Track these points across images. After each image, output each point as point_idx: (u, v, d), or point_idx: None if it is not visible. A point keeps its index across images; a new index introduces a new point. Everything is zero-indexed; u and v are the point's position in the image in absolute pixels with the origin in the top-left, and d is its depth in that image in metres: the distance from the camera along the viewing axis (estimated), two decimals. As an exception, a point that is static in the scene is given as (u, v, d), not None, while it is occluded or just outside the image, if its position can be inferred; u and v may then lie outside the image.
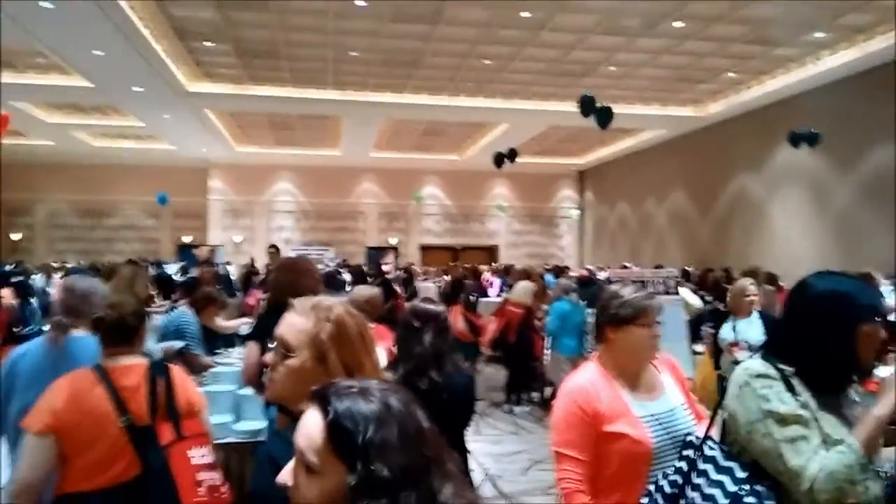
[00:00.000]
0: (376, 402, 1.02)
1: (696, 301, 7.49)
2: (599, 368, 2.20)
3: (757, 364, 1.69)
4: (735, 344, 5.02)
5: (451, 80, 12.98)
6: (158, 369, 2.40)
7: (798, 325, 1.73)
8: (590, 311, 8.31)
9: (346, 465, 0.98)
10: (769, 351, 1.75)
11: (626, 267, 12.37)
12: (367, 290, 4.39)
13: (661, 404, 2.17)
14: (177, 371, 2.50)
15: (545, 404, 7.99)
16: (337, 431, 0.99)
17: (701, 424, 2.06)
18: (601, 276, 11.43)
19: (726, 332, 5.15)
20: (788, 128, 11.31)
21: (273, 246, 8.58)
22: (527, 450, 6.32)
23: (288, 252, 19.62)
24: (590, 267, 15.43)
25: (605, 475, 2.07)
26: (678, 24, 10.07)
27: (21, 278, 7.91)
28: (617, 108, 9.97)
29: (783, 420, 1.56)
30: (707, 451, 1.67)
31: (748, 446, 1.62)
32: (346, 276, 9.44)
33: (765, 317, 5.11)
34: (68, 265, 10.13)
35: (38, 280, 9.66)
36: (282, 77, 12.84)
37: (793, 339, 1.71)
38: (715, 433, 1.74)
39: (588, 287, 10.01)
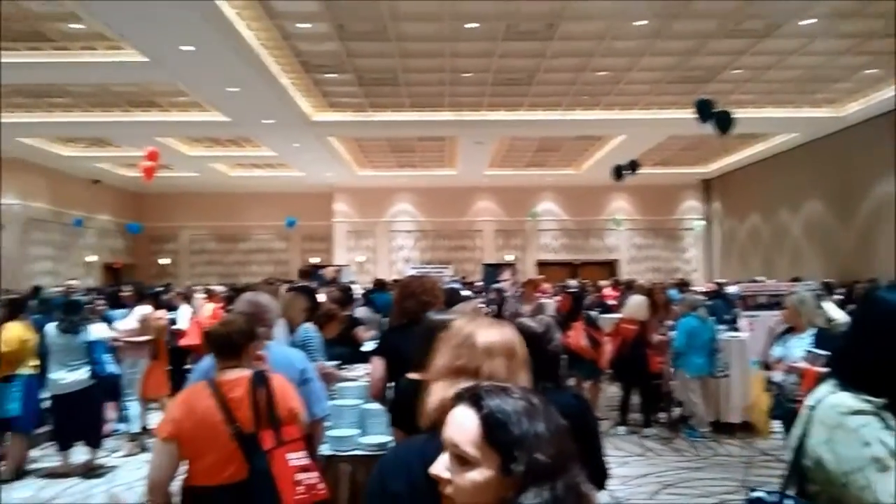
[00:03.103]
0: (521, 399, 1.11)
1: (840, 315, 6.92)
2: None
3: (846, 398, 1.46)
4: (779, 361, 4.57)
5: (565, 94, 12.87)
6: (259, 380, 2.63)
7: (871, 347, 1.50)
8: (720, 327, 7.90)
9: (501, 455, 1.06)
10: (848, 380, 1.50)
11: (756, 281, 11.67)
12: (471, 304, 4.41)
13: None
14: (277, 380, 2.72)
15: (673, 426, 7.66)
16: (493, 424, 1.08)
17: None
18: (730, 290, 10.87)
19: (777, 348, 4.70)
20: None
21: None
22: (655, 473, 6.07)
23: (408, 271, 20.16)
24: (719, 280, 14.70)
25: None
26: (806, 23, 9.47)
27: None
28: (744, 113, 9.43)
29: (885, 468, 1.35)
30: None
31: (842, 499, 1.42)
32: (466, 293, 9.52)
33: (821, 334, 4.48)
34: (211, 287, 10.98)
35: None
36: (400, 102, 13.27)
37: (869, 363, 1.48)
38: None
39: (715, 301, 9.53)
